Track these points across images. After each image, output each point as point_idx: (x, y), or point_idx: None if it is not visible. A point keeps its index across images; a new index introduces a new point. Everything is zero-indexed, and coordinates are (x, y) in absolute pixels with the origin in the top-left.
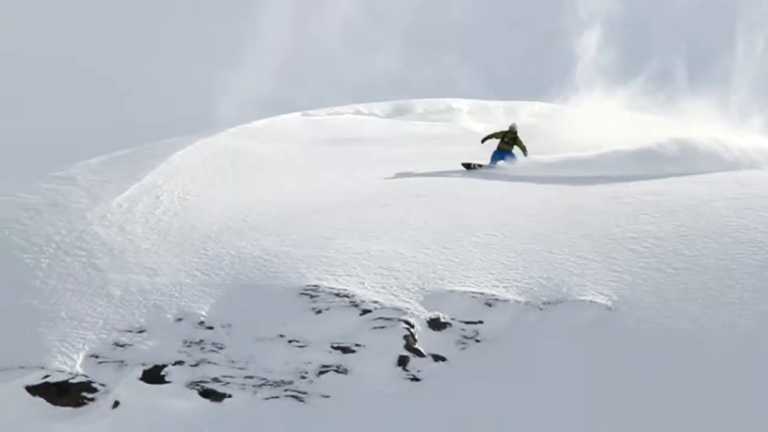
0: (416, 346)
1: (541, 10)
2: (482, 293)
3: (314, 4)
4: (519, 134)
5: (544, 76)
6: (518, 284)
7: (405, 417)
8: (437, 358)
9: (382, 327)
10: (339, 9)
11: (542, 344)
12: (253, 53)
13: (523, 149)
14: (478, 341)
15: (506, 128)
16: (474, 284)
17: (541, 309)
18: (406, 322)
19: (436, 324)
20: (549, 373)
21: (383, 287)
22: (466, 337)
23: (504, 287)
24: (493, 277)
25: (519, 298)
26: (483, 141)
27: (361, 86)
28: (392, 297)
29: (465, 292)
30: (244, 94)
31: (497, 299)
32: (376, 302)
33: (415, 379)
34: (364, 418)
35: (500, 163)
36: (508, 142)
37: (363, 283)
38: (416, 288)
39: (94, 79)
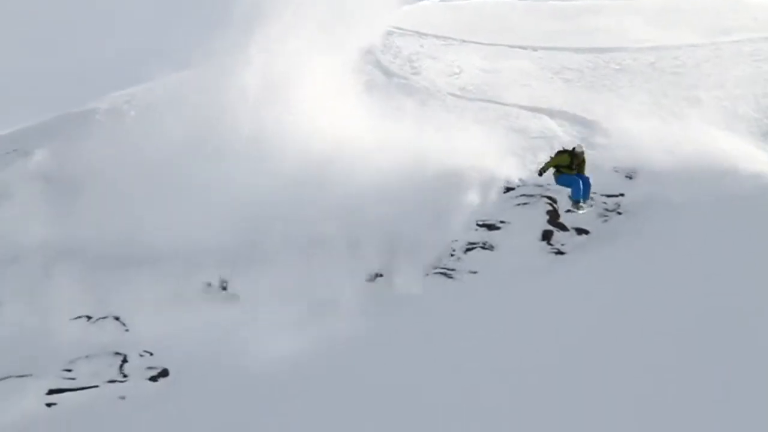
0: (559, 220)
1: None
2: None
3: None
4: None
5: None
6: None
7: (551, 289)
8: (580, 231)
9: (526, 203)
10: None
11: (685, 215)
12: None
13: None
14: (620, 213)
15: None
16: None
17: None
18: (549, 198)
19: None
20: (696, 242)
21: (525, 165)
22: (607, 210)
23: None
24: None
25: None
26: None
27: None
28: (535, 174)
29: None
30: None
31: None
32: (520, 179)
33: (559, 252)
34: (511, 291)
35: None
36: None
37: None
38: None
39: None
